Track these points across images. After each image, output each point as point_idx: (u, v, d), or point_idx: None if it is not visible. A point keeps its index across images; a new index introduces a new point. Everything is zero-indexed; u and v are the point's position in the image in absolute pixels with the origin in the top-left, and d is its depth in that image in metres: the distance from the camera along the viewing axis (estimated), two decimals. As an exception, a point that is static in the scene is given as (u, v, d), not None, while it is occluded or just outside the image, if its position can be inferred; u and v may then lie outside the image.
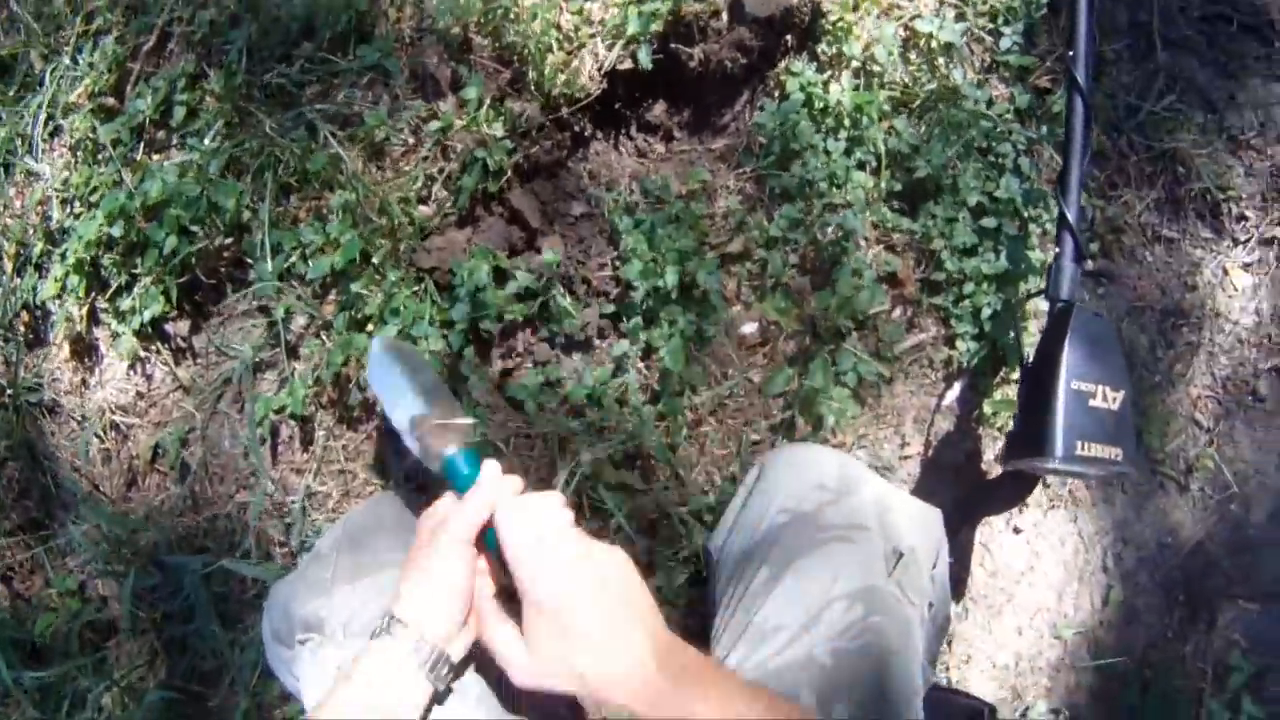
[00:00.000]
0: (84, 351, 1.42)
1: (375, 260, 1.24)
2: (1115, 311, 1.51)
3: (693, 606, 1.33)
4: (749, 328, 1.32)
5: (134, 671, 1.33)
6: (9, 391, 1.37)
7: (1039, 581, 1.53)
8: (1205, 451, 1.59)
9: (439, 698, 0.86)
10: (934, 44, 1.36)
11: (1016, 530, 1.50)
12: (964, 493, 1.44)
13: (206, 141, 1.28)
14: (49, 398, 1.38)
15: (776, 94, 1.31)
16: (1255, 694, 1.65)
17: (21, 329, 1.39)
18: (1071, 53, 1.15)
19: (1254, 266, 1.60)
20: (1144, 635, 1.62)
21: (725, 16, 1.28)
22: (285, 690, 1.30)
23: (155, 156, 1.35)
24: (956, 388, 1.44)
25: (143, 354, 1.38)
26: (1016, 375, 1.42)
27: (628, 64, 1.24)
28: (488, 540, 0.86)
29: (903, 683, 0.93)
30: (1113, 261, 1.51)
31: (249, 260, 1.26)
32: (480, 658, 0.91)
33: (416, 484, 1.31)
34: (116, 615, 1.38)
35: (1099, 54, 1.49)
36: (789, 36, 1.28)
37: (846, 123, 1.30)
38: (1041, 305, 1.36)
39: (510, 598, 0.86)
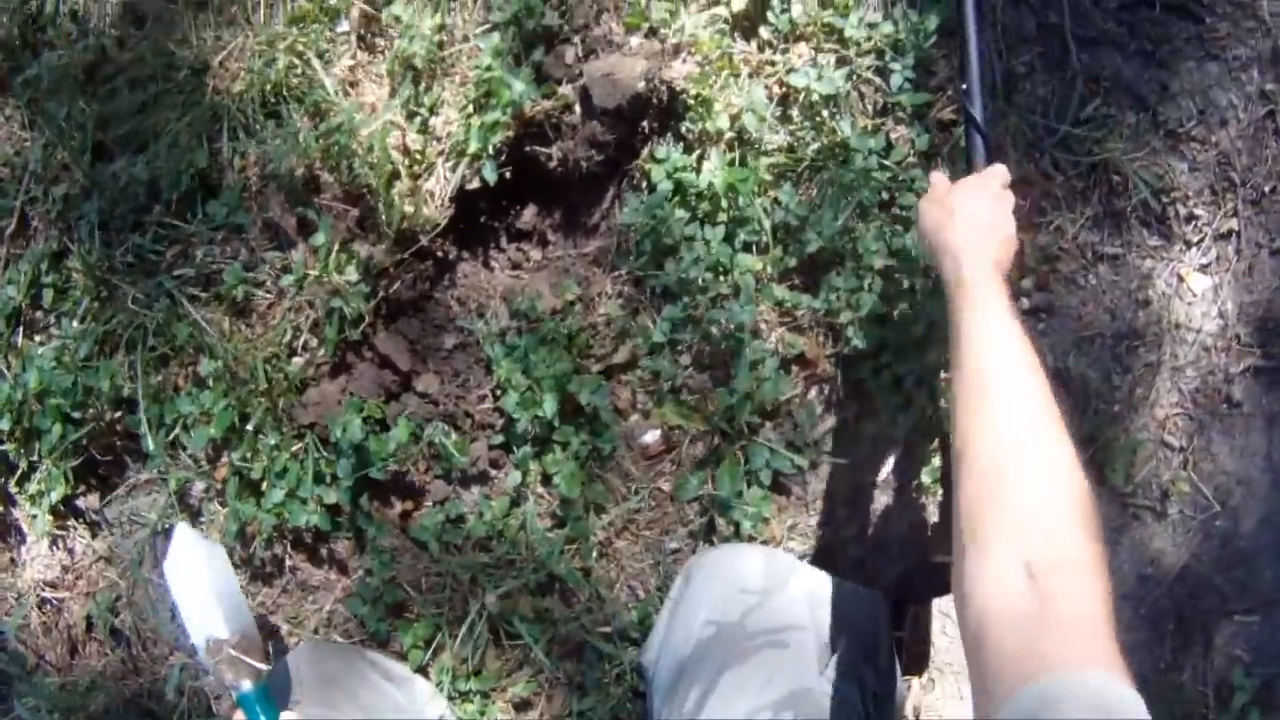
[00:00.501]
0: (6, 532, 1.48)
1: (252, 424, 1.22)
2: (1060, 347, 1.43)
3: (631, 716, 1.31)
4: (650, 436, 1.28)
5: None
6: None
7: (1011, 637, 1.47)
8: (1179, 474, 1.51)
9: None
10: (814, 97, 1.28)
11: (978, 590, 1.44)
12: (912, 565, 1.39)
13: (75, 324, 1.31)
14: None
15: (644, 185, 1.24)
16: (1263, 707, 1.60)
17: None
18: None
19: (1211, 266, 1.51)
20: (1135, 672, 1.54)
21: (578, 109, 1.21)
22: None
23: (36, 338, 1.36)
24: (890, 461, 1.38)
25: (58, 531, 1.44)
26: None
27: (476, 183, 1.18)
28: None
29: None
30: (1050, 293, 1.43)
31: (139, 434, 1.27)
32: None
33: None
34: None
35: (1008, 69, 1.40)
36: (645, 122, 1.21)
37: (724, 204, 1.24)
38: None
39: None
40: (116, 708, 1.43)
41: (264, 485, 1.25)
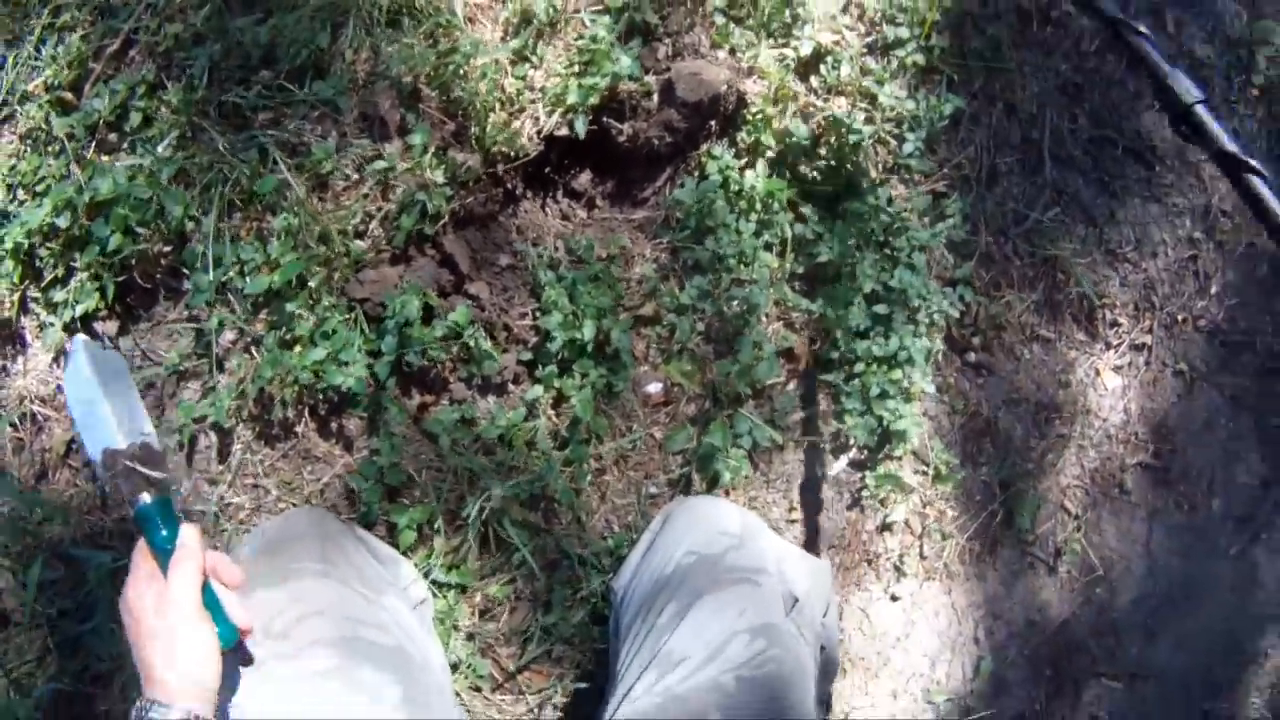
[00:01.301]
0: (8, 338, 1.51)
1: (311, 285, 1.37)
2: (993, 401, 1.72)
3: (588, 643, 1.47)
4: (654, 387, 1.49)
5: (23, 666, 1.40)
6: None
7: (913, 648, 1.71)
8: (1073, 536, 1.80)
9: None
10: (845, 142, 1.57)
11: (894, 598, 1.69)
12: (843, 559, 1.62)
13: (160, 149, 1.39)
14: None
15: (696, 173, 1.50)
16: (1115, 770, 1.83)
17: None
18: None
19: (1124, 369, 1.84)
20: (1013, 706, 1.80)
21: (656, 99, 1.47)
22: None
23: (105, 157, 1.45)
24: (843, 460, 1.63)
25: (69, 348, 1.44)
26: (899, 453, 1.62)
27: (564, 131, 1.42)
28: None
29: (800, 710, 1.06)
30: (992, 356, 1.74)
31: (185, 271, 1.39)
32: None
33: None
34: (8, 607, 1.44)
35: (992, 164, 1.73)
36: (713, 122, 1.48)
37: (758, 206, 1.50)
38: (928, 387, 1.56)
39: None
40: (73, 540, 1.45)
41: (299, 348, 1.38)
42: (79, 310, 1.41)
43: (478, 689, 1.51)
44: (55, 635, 1.44)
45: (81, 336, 1.09)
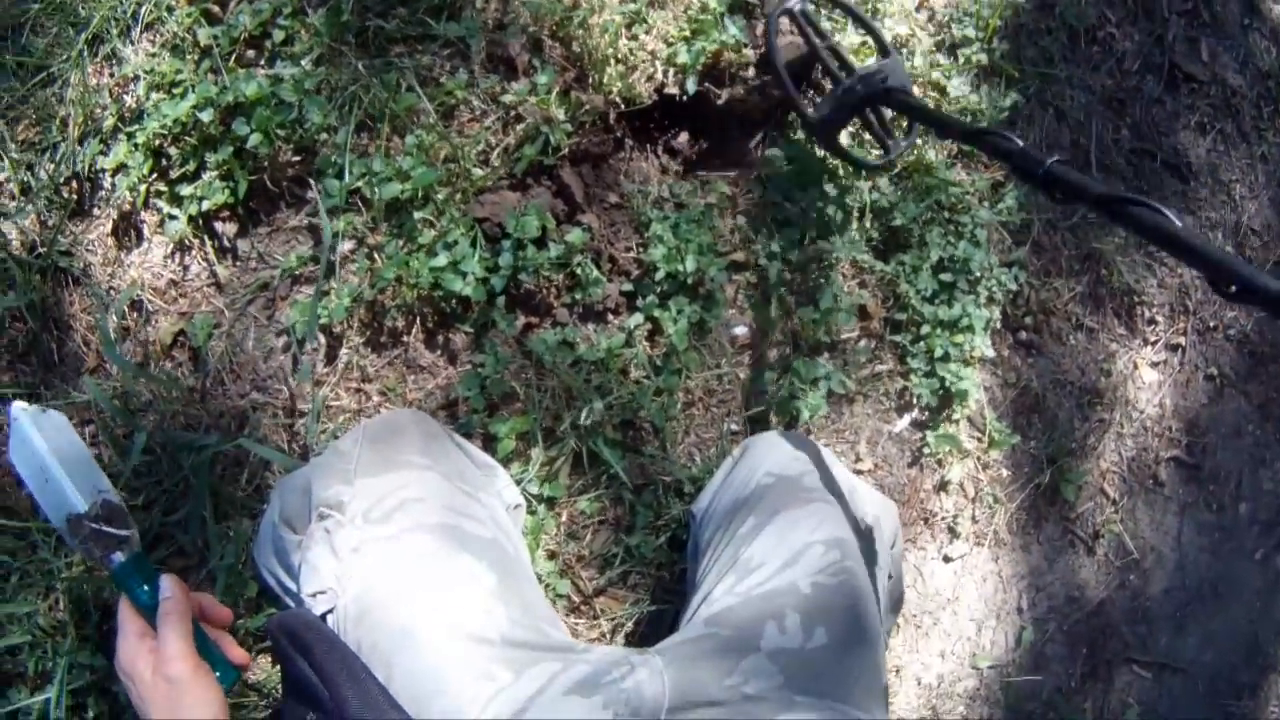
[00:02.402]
0: (128, 230, 1.64)
1: (437, 199, 1.54)
2: (1042, 379, 1.91)
3: (665, 569, 1.60)
4: (740, 330, 1.67)
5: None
6: (40, 250, 1.57)
7: (962, 611, 1.85)
8: (1111, 519, 1.97)
9: None
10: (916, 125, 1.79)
11: (946, 559, 1.84)
12: (902, 515, 1.77)
13: (304, 64, 1.59)
14: (79, 266, 1.60)
15: (788, 137, 1.71)
16: (1143, 758, 1.97)
17: (68, 195, 1.60)
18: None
19: (1160, 366, 2.05)
20: (1051, 682, 1.94)
21: (753, 70, 1.68)
22: (263, 591, 1.49)
23: (241, 71, 1.63)
24: (906, 419, 1.80)
25: (189, 242, 1.62)
26: (958, 416, 1.79)
27: (674, 90, 1.62)
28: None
29: (871, 622, 1.19)
30: (1041, 337, 1.93)
31: (310, 181, 1.56)
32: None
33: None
34: None
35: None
36: (805, 90, 1.69)
37: (842, 171, 1.70)
38: (988, 351, 1.75)
39: None
40: (167, 429, 1.56)
41: (421, 254, 1.53)
42: (205, 205, 1.57)
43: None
44: (140, 523, 1.54)
45: (18, 404, 1.05)
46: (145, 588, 1.01)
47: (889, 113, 1.70)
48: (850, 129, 1.72)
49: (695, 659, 1.09)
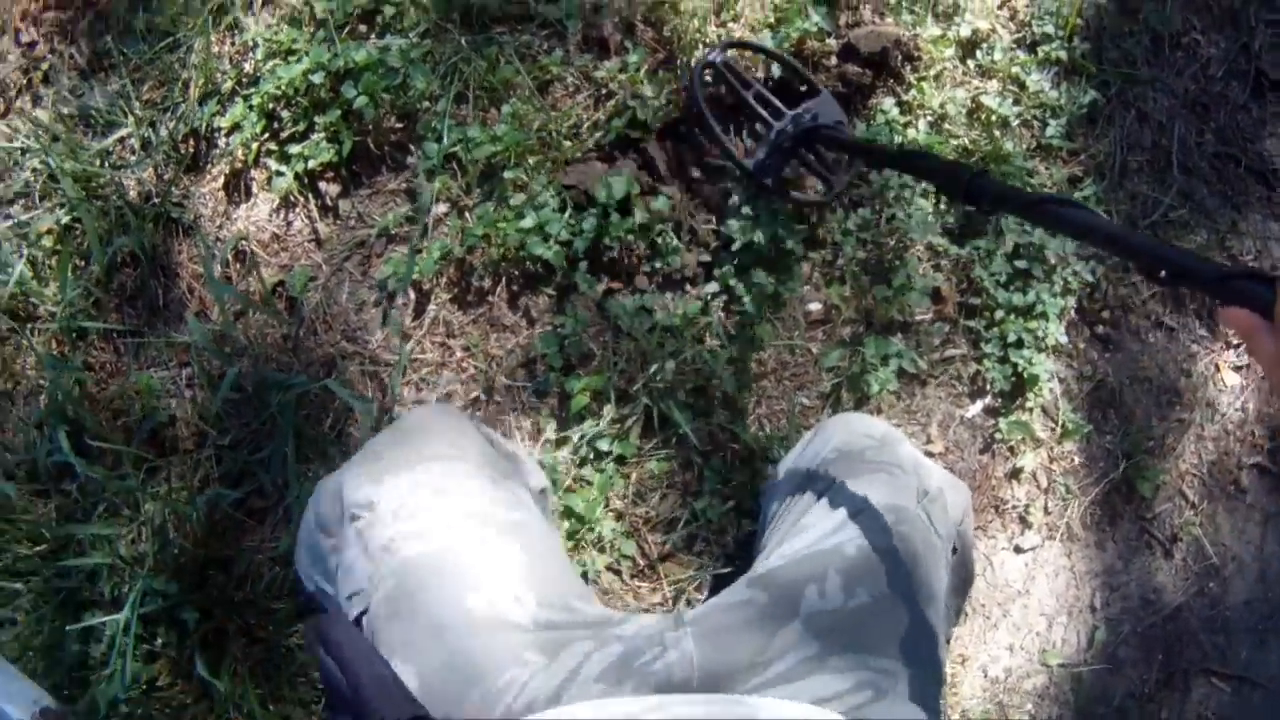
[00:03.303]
0: (238, 185, 1.80)
1: (528, 163, 1.66)
2: (1119, 374, 1.95)
3: (730, 534, 1.67)
4: (814, 306, 1.75)
5: (182, 493, 1.61)
6: (154, 200, 1.73)
7: (1033, 605, 1.88)
8: (1189, 522, 1.98)
9: None
10: (993, 117, 1.87)
11: (1018, 550, 1.87)
12: (973, 502, 1.81)
13: (410, 38, 1.73)
14: (190, 217, 1.75)
15: (866, 121, 1.80)
16: (1222, 777, 1.95)
17: (185, 151, 1.77)
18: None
19: (1243, 371, 2.07)
20: (1124, 686, 1.95)
21: (835, 59, 1.78)
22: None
23: (352, 42, 1.77)
24: (979, 404, 1.85)
25: (294, 199, 1.76)
26: (1031, 404, 1.84)
27: (760, 72, 1.73)
28: None
29: (922, 586, 1.21)
30: (1119, 332, 1.97)
31: (410, 147, 1.69)
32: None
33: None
34: (179, 434, 1.67)
35: (1124, 161, 2.01)
36: (885, 78, 1.79)
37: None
38: (1062, 338, 1.80)
39: None
40: (260, 371, 1.68)
41: (502, 222, 1.65)
42: (311, 164, 1.72)
43: (617, 571, 1.70)
44: (222, 465, 1.66)
45: None
46: None
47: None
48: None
49: (730, 631, 1.13)
